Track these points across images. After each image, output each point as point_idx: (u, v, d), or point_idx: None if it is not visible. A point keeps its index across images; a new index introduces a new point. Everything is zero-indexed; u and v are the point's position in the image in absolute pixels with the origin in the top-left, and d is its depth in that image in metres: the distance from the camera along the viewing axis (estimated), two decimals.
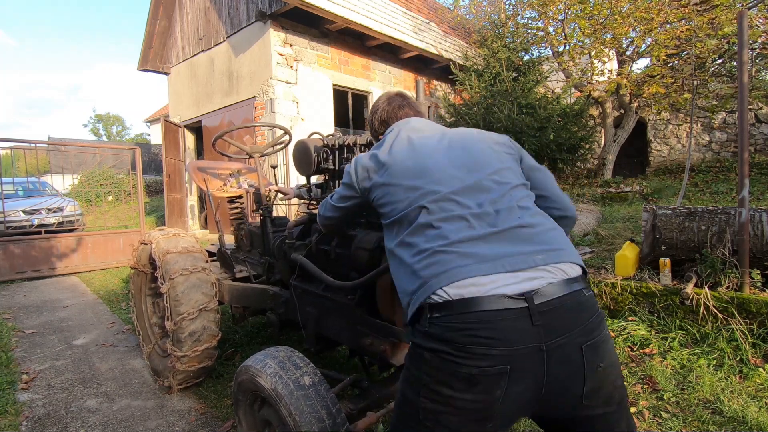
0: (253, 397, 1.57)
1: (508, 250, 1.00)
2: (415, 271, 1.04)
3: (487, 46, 8.99)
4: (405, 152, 1.24)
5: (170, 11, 9.79)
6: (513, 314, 0.92)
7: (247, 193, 3.05)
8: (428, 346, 0.97)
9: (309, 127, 7.38)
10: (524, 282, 0.95)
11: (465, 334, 0.92)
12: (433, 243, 1.04)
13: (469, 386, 0.92)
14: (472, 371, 0.91)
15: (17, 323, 3.88)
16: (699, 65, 6.62)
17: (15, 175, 10.48)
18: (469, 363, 0.91)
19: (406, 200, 1.16)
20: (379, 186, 1.24)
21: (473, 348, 0.91)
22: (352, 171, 1.34)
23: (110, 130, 46.07)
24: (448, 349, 0.93)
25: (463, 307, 0.94)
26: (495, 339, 0.91)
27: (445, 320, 0.95)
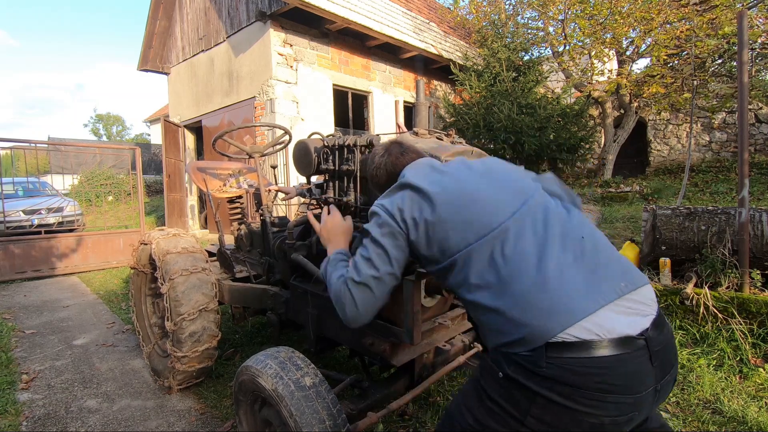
0: (253, 398, 1.57)
1: (598, 282, 0.93)
2: (514, 318, 0.92)
3: (487, 46, 8.99)
4: (450, 185, 1.10)
5: (170, 11, 9.79)
6: (638, 356, 0.87)
7: (247, 193, 3.05)
8: (543, 390, 0.86)
9: (309, 127, 7.38)
10: (638, 318, 0.90)
11: (596, 381, 0.84)
12: (522, 283, 0.93)
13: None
14: (603, 421, 0.85)
15: (17, 323, 3.88)
16: (699, 65, 6.62)
17: (15, 175, 10.48)
18: (598, 413, 0.84)
19: (464, 238, 1.02)
20: (429, 224, 1.07)
21: (606, 396, 0.84)
22: (387, 210, 1.12)
23: (110, 130, 46.06)
24: (573, 394, 0.84)
25: (590, 349, 0.85)
26: (625, 386, 0.85)
27: (568, 362, 0.85)
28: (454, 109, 9.04)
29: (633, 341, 0.87)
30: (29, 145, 6.44)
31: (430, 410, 2.16)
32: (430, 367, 1.91)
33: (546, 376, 0.86)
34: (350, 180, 1.99)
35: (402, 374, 1.85)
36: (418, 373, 1.85)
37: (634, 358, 0.87)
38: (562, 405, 0.85)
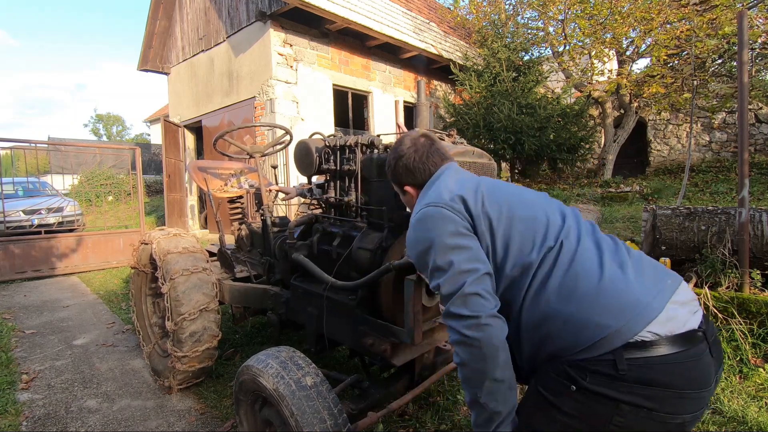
0: (254, 397, 1.57)
1: (654, 279, 0.94)
2: (583, 321, 0.89)
3: (487, 46, 9.00)
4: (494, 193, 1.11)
5: (170, 11, 9.78)
6: (703, 350, 0.88)
7: (248, 193, 3.05)
8: (626, 396, 0.83)
9: (309, 127, 7.38)
10: (694, 316, 0.91)
11: (678, 378, 0.83)
12: (600, 283, 0.91)
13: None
14: (685, 419, 0.84)
15: (17, 323, 3.88)
16: (699, 65, 6.63)
17: (15, 175, 10.47)
18: (680, 411, 0.83)
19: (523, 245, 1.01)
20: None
21: (688, 393, 0.83)
22: (452, 208, 1.06)
23: (110, 130, 46.04)
24: (655, 396, 0.82)
25: (670, 346, 0.84)
26: (701, 379, 0.86)
27: (651, 362, 0.83)
28: (454, 109, 9.04)
29: (696, 335, 0.88)
30: (29, 145, 6.44)
31: (430, 410, 2.16)
32: (430, 367, 1.91)
33: (628, 380, 0.83)
34: (351, 180, 1.99)
35: (402, 374, 1.86)
36: (419, 373, 1.85)
37: (701, 352, 0.87)
38: (646, 409, 0.83)
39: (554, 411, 0.90)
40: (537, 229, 1.01)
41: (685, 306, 0.92)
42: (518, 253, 1.00)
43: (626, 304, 0.88)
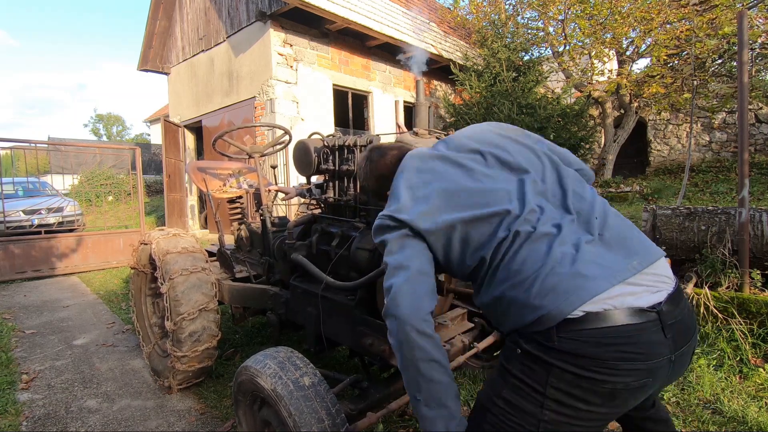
0: (252, 398, 1.57)
1: (610, 261, 0.97)
2: (523, 303, 0.97)
3: (487, 47, 8.99)
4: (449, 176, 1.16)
5: (170, 11, 9.79)
6: (648, 327, 0.91)
7: (247, 193, 3.05)
8: (557, 362, 0.92)
9: (309, 127, 7.38)
10: (649, 294, 0.94)
11: (610, 350, 0.89)
12: (528, 269, 0.98)
13: (608, 400, 0.92)
14: (616, 386, 0.91)
15: (17, 323, 3.88)
16: (699, 65, 6.63)
17: (15, 175, 10.48)
18: (613, 379, 0.90)
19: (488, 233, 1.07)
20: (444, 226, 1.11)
21: (619, 364, 0.89)
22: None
23: (110, 130, 46.06)
24: (587, 365, 0.90)
25: (601, 321, 0.90)
26: (639, 353, 0.90)
27: (581, 335, 0.90)
28: (454, 109, 9.04)
29: (644, 313, 0.91)
30: (29, 145, 6.44)
31: None
32: None
33: (560, 350, 0.91)
34: (350, 180, 1.99)
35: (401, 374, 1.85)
36: None
37: (645, 329, 0.91)
38: (577, 374, 0.90)
39: (506, 373, 1.01)
40: (493, 223, 1.06)
41: (640, 285, 0.95)
42: (475, 247, 1.08)
43: (562, 287, 0.93)
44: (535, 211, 1.05)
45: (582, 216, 1.06)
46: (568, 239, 0.99)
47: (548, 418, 0.94)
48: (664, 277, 0.99)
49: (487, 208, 1.08)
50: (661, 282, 0.98)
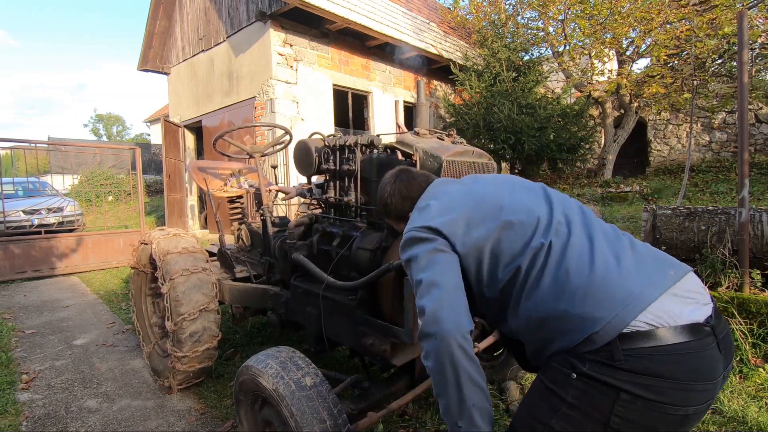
0: (254, 398, 1.57)
1: (651, 270, 0.93)
2: (577, 316, 0.89)
3: (487, 47, 8.99)
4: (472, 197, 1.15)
5: (170, 11, 9.78)
6: (709, 343, 0.86)
7: (248, 193, 3.05)
8: (626, 385, 0.82)
9: (309, 127, 7.38)
10: (699, 309, 0.89)
11: (681, 369, 0.82)
12: (592, 276, 0.91)
13: (677, 427, 0.85)
14: (688, 411, 0.83)
15: (17, 323, 3.88)
16: (699, 65, 6.63)
17: (15, 175, 10.47)
18: (683, 403, 0.82)
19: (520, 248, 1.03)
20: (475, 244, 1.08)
21: (692, 384, 0.82)
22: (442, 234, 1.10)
23: (110, 130, 46.05)
24: (661, 386, 0.81)
25: (666, 337, 0.83)
26: (704, 372, 0.84)
27: (647, 352, 0.82)
28: (454, 109, 9.04)
29: (701, 328, 0.87)
30: (29, 145, 6.43)
31: (430, 410, 2.16)
32: None
33: (626, 369, 0.83)
34: (351, 180, 1.99)
35: (402, 374, 1.85)
36: (418, 373, 1.85)
37: (706, 345, 0.86)
38: (647, 399, 0.82)
39: (556, 400, 0.90)
40: (525, 232, 1.02)
41: (687, 297, 0.90)
42: (509, 259, 1.02)
43: (617, 295, 0.87)
44: (563, 223, 1.02)
45: (609, 234, 1.02)
46: (606, 249, 0.95)
47: None
48: (701, 288, 0.95)
49: (516, 215, 1.06)
50: (700, 294, 0.93)
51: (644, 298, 0.86)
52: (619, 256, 0.94)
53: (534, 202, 1.09)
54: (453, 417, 0.96)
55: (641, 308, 0.85)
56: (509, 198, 1.11)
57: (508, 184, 1.19)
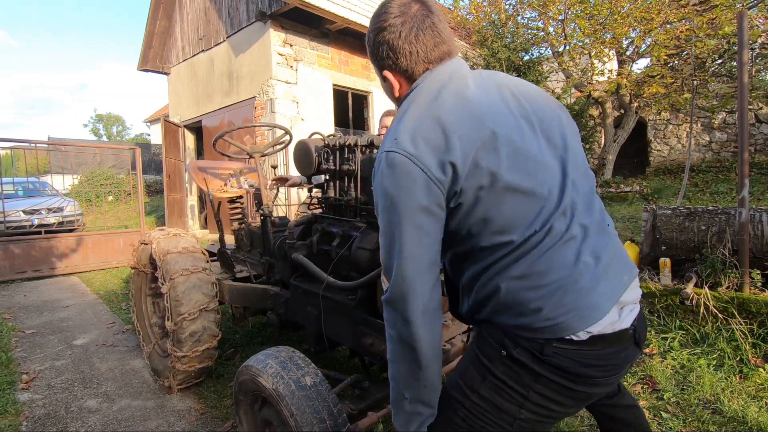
0: (254, 397, 1.57)
1: (613, 278, 0.94)
2: (533, 308, 0.89)
3: (487, 47, 8.98)
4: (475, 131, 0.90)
5: (170, 11, 9.79)
6: (626, 346, 0.95)
7: (248, 193, 3.05)
8: (546, 373, 0.91)
9: (309, 127, 7.38)
10: (630, 314, 0.96)
11: (599, 370, 0.92)
12: (553, 275, 0.88)
13: (581, 402, 0.99)
14: (590, 393, 0.96)
15: (17, 323, 3.88)
16: (699, 65, 6.63)
17: (15, 175, 10.48)
18: (590, 390, 0.95)
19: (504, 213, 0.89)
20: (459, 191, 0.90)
21: (602, 380, 0.94)
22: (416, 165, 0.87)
23: (110, 130, 46.09)
24: (575, 380, 0.91)
25: (596, 344, 0.90)
26: (617, 365, 0.95)
27: (576, 354, 0.89)
28: None
29: (625, 334, 0.94)
30: (29, 145, 6.44)
31: None
32: None
33: (552, 364, 0.90)
34: (351, 180, 1.99)
35: None
36: None
37: (627, 348, 0.95)
38: (563, 386, 0.92)
39: (487, 372, 0.96)
40: (529, 210, 0.89)
41: (627, 306, 0.95)
42: (499, 229, 0.90)
43: (579, 303, 0.88)
44: (569, 207, 0.92)
45: (598, 222, 0.97)
46: (591, 246, 0.92)
47: (524, 417, 0.95)
48: (638, 288, 1.01)
49: (532, 179, 0.89)
50: (636, 300, 0.99)
51: (600, 311, 0.89)
52: (599, 255, 0.92)
53: (552, 169, 0.93)
54: (401, 387, 0.98)
55: (593, 321, 0.88)
56: (535, 151, 0.92)
57: (538, 115, 0.96)
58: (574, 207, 0.93)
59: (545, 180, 0.91)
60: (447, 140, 0.86)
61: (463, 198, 0.88)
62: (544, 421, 0.97)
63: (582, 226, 0.93)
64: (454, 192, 0.88)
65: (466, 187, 0.87)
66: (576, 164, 0.97)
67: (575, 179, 0.95)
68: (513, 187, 0.88)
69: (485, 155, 0.87)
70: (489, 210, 0.89)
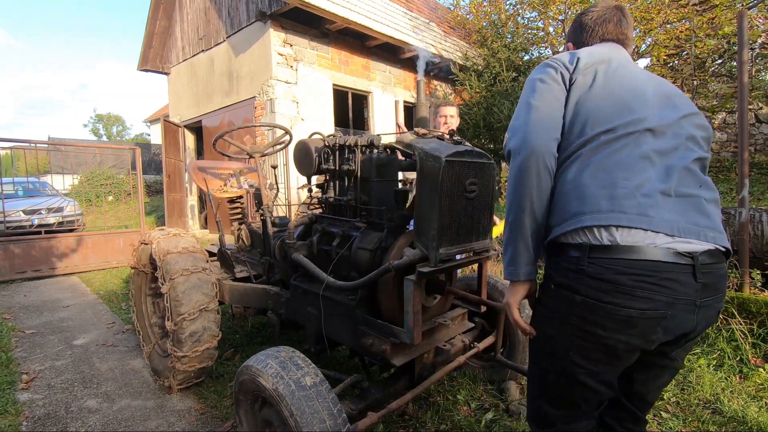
0: (254, 398, 1.57)
1: (688, 218, 1.00)
2: (591, 196, 1.02)
3: (487, 46, 9.00)
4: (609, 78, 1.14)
5: (170, 11, 9.79)
6: (680, 268, 0.96)
7: (248, 193, 3.05)
8: (580, 287, 1.00)
9: (309, 127, 7.38)
10: (692, 244, 0.98)
11: (630, 279, 0.95)
12: (625, 180, 1.00)
13: (624, 327, 0.98)
14: (630, 313, 0.96)
15: (17, 323, 3.88)
16: (699, 65, 6.63)
17: (15, 175, 10.48)
18: (628, 304, 0.96)
19: (606, 119, 1.08)
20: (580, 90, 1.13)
21: (635, 291, 0.95)
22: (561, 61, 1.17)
23: (110, 130, 46.11)
24: (606, 288, 0.96)
25: (631, 253, 0.96)
26: (660, 286, 0.95)
27: (608, 262, 0.97)
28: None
29: (679, 256, 0.96)
30: (29, 145, 6.43)
31: (430, 410, 2.16)
32: (430, 367, 1.91)
33: (586, 274, 0.99)
34: (351, 180, 1.99)
35: (402, 374, 1.86)
36: (418, 373, 1.85)
37: (673, 270, 0.96)
38: (597, 301, 0.98)
39: (542, 307, 1.14)
40: (620, 118, 1.07)
41: (693, 241, 0.98)
42: (589, 123, 1.09)
43: (631, 208, 0.98)
44: (657, 134, 1.05)
45: (680, 177, 1.04)
46: (663, 179, 1.01)
47: (575, 343, 1.03)
48: (711, 235, 1.01)
49: (634, 114, 1.07)
50: (709, 236, 1.01)
51: (641, 221, 0.97)
52: (669, 190, 1.00)
53: (658, 113, 1.09)
54: (507, 215, 1.14)
55: (628, 223, 0.97)
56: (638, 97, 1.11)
57: (659, 89, 1.15)
58: (668, 152, 1.05)
59: (644, 108, 1.08)
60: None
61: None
62: (597, 350, 1.01)
63: (666, 168, 1.03)
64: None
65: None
66: (692, 139, 1.10)
67: (686, 142, 1.08)
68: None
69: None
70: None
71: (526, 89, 1.17)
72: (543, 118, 1.10)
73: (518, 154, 1.10)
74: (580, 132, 1.09)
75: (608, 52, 1.20)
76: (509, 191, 1.13)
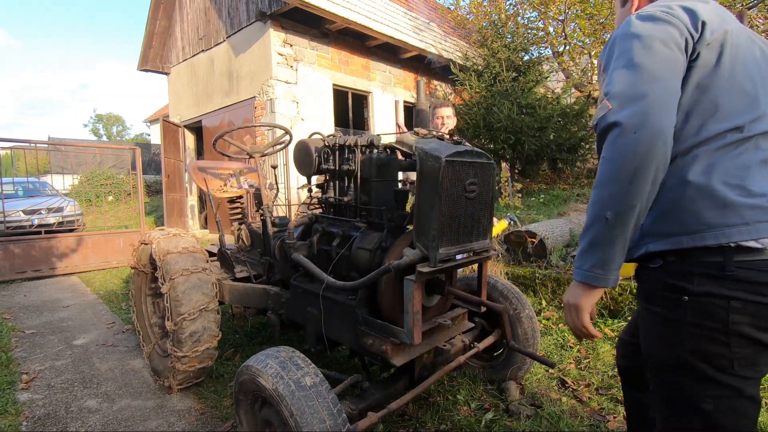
0: (254, 398, 1.57)
1: None
2: (733, 206, 0.88)
3: (487, 46, 8.99)
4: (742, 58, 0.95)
5: (170, 11, 9.79)
6: None
7: (248, 193, 3.05)
8: (736, 292, 0.86)
9: (309, 127, 7.38)
10: None
11: None
12: (755, 188, 0.89)
13: None
14: None
15: (17, 323, 3.88)
16: None
17: (15, 175, 10.48)
18: None
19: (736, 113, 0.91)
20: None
21: None
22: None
23: (110, 130, 46.13)
24: (765, 291, 0.85)
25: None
26: None
27: (758, 264, 0.86)
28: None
29: None
30: (29, 145, 6.43)
31: (430, 410, 2.16)
32: (430, 367, 1.91)
33: (737, 279, 0.86)
34: (351, 180, 2.00)
35: (402, 374, 1.86)
36: (418, 373, 1.85)
37: None
38: (760, 303, 0.86)
39: (679, 325, 0.93)
40: (751, 107, 0.93)
41: None
42: (726, 115, 0.92)
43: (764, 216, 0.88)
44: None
45: None
46: None
47: (739, 355, 0.88)
48: None
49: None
50: None
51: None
52: None
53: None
54: (604, 208, 0.91)
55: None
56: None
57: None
58: None
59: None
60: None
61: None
62: (762, 357, 0.89)
63: None
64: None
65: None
66: None
67: None
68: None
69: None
70: None
71: (637, 47, 0.90)
72: (670, 93, 0.88)
73: (635, 131, 0.85)
74: (701, 126, 0.92)
75: (724, 15, 0.97)
76: (606, 177, 0.90)
